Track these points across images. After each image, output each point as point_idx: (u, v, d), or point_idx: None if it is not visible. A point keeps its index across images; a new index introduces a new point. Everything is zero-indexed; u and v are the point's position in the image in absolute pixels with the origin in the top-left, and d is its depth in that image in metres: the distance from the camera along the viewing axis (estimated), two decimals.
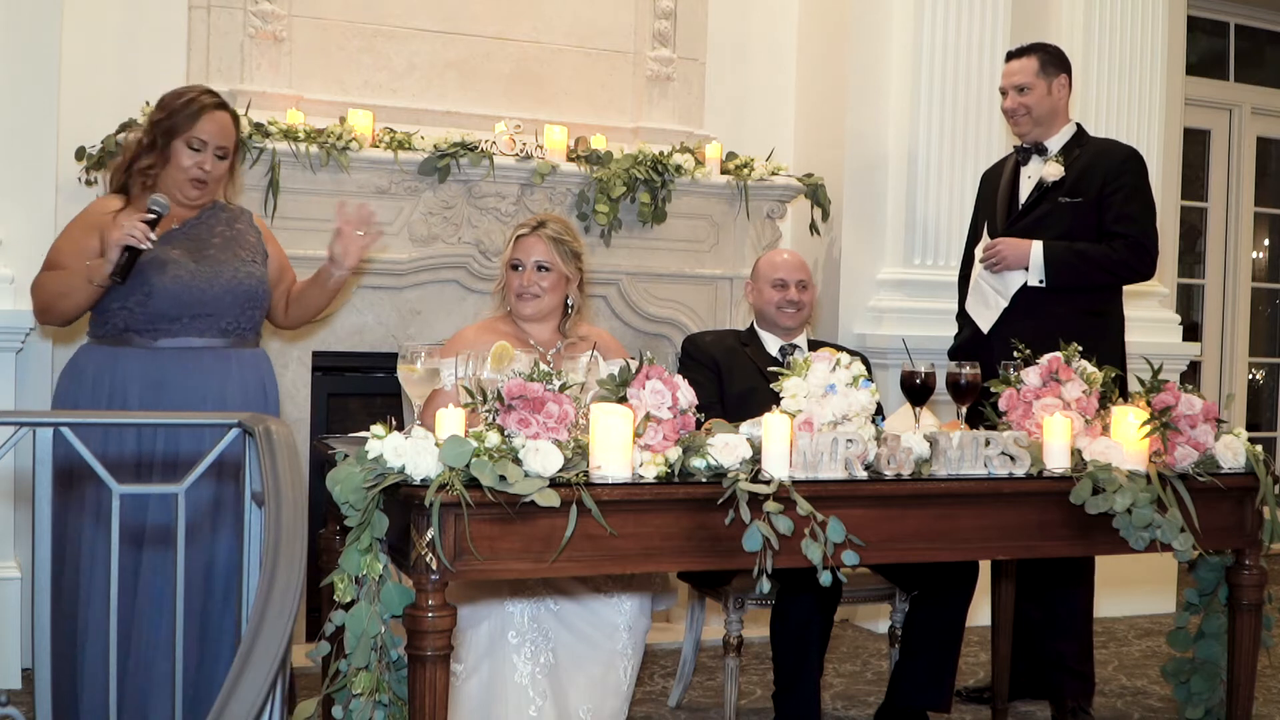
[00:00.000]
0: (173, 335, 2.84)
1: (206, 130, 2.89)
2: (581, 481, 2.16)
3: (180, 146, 2.88)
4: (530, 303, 3.04)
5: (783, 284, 3.48)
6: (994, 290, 3.59)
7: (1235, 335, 6.44)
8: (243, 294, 2.91)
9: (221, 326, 2.90)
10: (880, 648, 4.28)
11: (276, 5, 4.04)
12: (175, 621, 2.03)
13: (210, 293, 2.86)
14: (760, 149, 4.59)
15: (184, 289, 2.83)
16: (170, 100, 2.93)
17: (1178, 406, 2.70)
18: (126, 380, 2.80)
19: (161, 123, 2.90)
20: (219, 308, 2.88)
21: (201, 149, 2.89)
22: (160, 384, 2.80)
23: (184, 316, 2.84)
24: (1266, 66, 6.61)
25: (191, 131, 2.88)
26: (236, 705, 1.24)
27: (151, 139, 2.90)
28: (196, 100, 2.91)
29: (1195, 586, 3.03)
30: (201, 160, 2.89)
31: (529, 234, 3.07)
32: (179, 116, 2.89)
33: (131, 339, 2.83)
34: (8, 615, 3.53)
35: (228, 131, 2.94)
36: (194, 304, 2.84)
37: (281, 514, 1.68)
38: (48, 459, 1.99)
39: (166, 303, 2.81)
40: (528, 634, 2.80)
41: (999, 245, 3.55)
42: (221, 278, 2.89)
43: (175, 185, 2.90)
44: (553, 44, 4.46)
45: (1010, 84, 3.64)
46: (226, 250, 2.94)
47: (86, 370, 2.85)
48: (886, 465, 2.44)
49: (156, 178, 2.89)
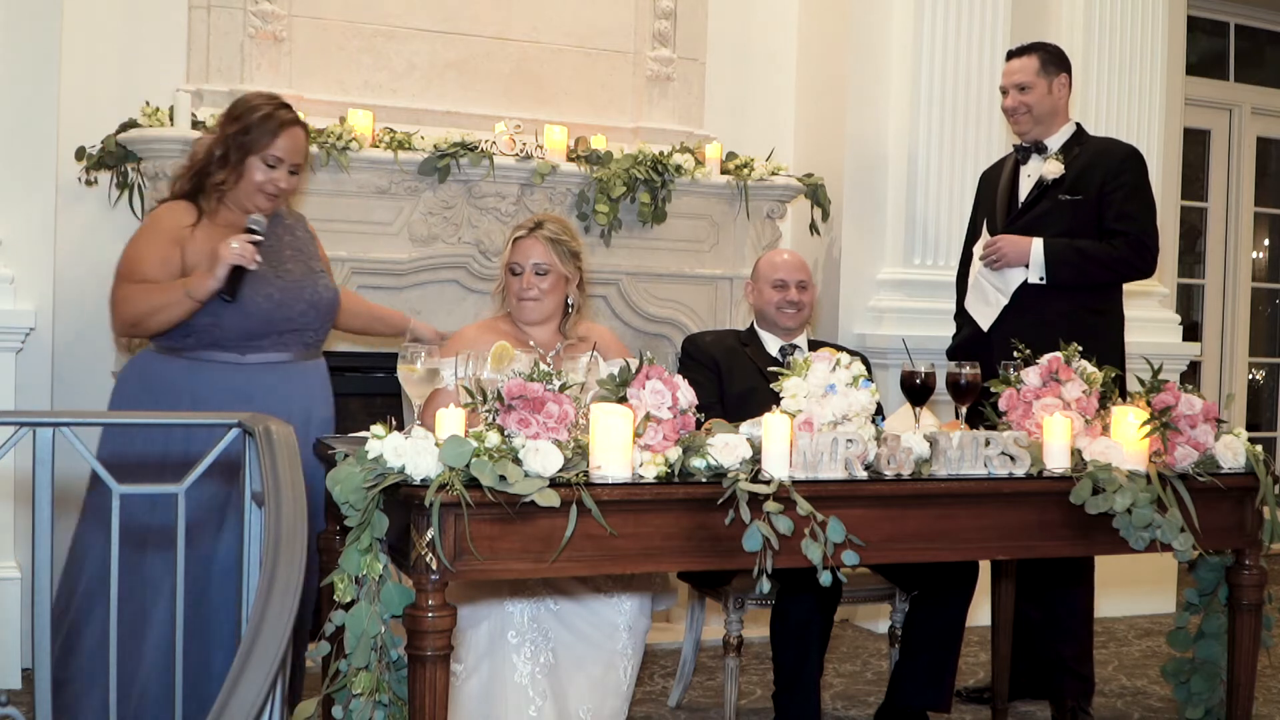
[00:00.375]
0: (261, 350, 2.89)
1: (283, 147, 2.90)
2: (581, 481, 2.16)
3: (255, 162, 2.88)
4: (531, 306, 3.04)
5: (783, 284, 3.48)
6: (994, 288, 3.59)
7: (1235, 335, 6.44)
8: (324, 309, 2.99)
9: (305, 340, 2.97)
10: (880, 648, 4.28)
11: (276, 5, 4.04)
12: (175, 622, 2.03)
13: (297, 309, 2.92)
14: (760, 149, 4.59)
15: (275, 307, 2.87)
16: (245, 113, 2.90)
17: (1178, 406, 2.70)
18: (211, 392, 2.82)
19: (237, 136, 2.88)
20: (304, 323, 2.94)
21: (276, 165, 2.90)
22: (249, 398, 2.81)
23: (273, 333, 2.89)
24: (1266, 66, 6.61)
25: (269, 150, 2.88)
26: (236, 705, 1.24)
27: (225, 152, 2.89)
28: (274, 116, 2.90)
29: (1195, 586, 3.03)
30: (276, 177, 2.90)
31: (526, 236, 3.07)
32: (256, 132, 2.87)
33: (216, 354, 2.86)
34: (8, 615, 3.53)
35: (302, 147, 2.96)
36: (283, 321, 2.90)
37: (281, 514, 1.68)
38: (48, 459, 1.99)
39: (258, 321, 2.85)
40: (527, 634, 2.80)
41: (999, 242, 3.55)
42: (305, 294, 2.94)
43: (245, 197, 2.91)
44: (553, 44, 4.46)
45: (1011, 83, 3.64)
46: (299, 263, 2.98)
47: (163, 381, 2.85)
48: (886, 465, 2.44)
49: (227, 190, 2.90)
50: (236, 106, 2.94)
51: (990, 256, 3.57)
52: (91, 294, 3.99)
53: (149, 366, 2.90)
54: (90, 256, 3.98)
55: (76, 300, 3.95)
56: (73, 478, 2.78)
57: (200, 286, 2.77)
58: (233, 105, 2.96)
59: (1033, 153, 3.65)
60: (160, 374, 2.87)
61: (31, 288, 3.64)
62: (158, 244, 2.86)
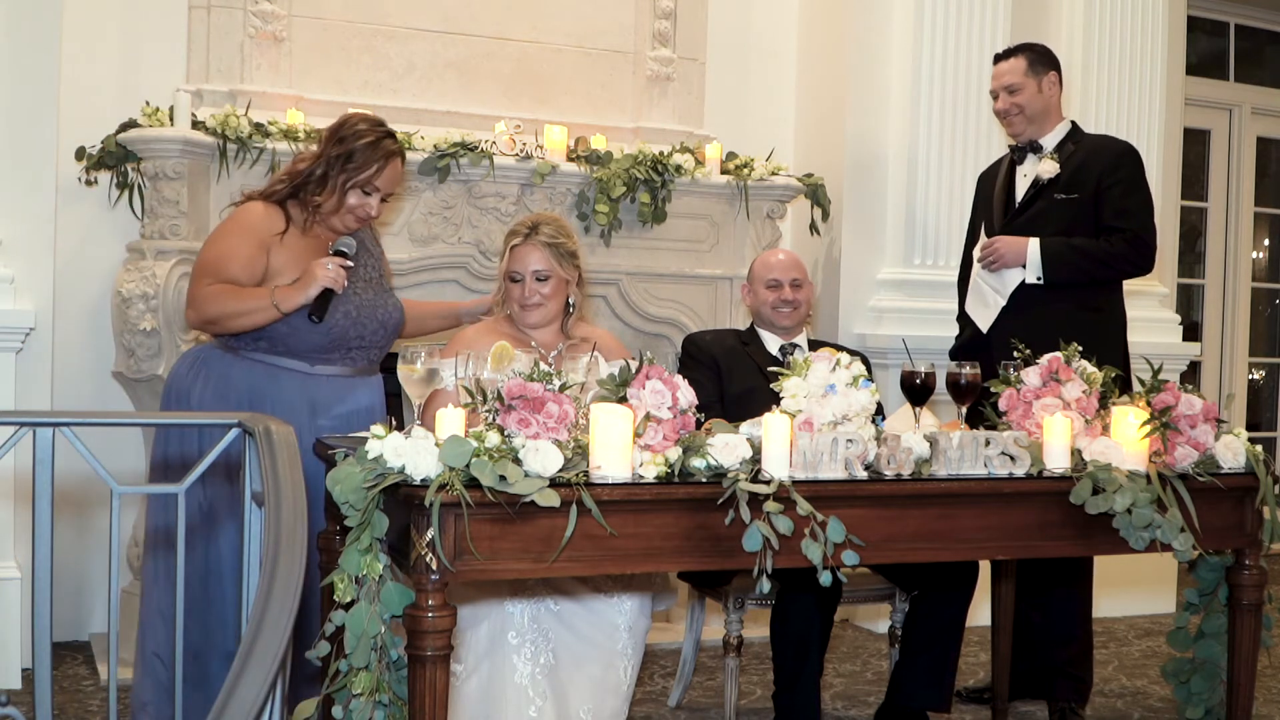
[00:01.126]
0: (330, 363, 2.93)
1: (385, 181, 2.93)
2: (581, 481, 2.16)
3: (355, 190, 2.90)
4: (534, 312, 3.04)
5: (776, 284, 3.47)
6: (992, 289, 3.59)
7: (1235, 335, 6.44)
8: (392, 328, 3.04)
9: (370, 357, 3.02)
10: (880, 648, 4.28)
11: (276, 5, 4.04)
12: (175, 622, 2.03)
13: (369, 328, 2.96)
14: (760, 149, 4.59)
15: (351, 325, 2.92)
16: (351, 137, 2.90)
17: (1178, 406, 2.70)
18: (279, 396, 2.86)
19: (340, 161, 2.88)
20: (373, 341, 3.00)
21: (373, 194, 2.92)
22: (314, 407, 2.88)
23: (343, 349, 2.93)
24: (1266, 66, 6.61)
25: (371, 180, 2.90)
26: (236, 705, 1.24)
27: (325, 173, 2.89)
28: (380, 145, 2.91)
29: (1195, 586, 3.03)
30: (370, 204, 2.92)
31: (523, 243, 3.05)
32: (360, 159, 2.88)
33: (286, 360, 2.89)
34: (8, 615, 3.53)
35: (400, 177, 3.00)
36: (355, 339, 2.94)
37: (281, 514, 1.68)
38: (48, 459, 1.99)
39: (334, 338, 2.90)
40: (527, 634, 2.80)
41: (996, 243, 3.55)
42: (378, 314, 2.98)
43: (335, 217, 2.93)
44: (553, 44, 4.46)
45: (1000, 85, 3.64)
46: (373, 281, 3.02)
47: (240, 382, 2.87)
48: (886, 465, 2.44)
49: (320, 207, 2.91)
50: (343, 128, 2.93)
51: (988, 258, 3.57)
52: (91, 294, 4.00)
53: (218, 368, 2.91)
54: (90, 256, 3.99)
55: (76, 300, 3.96)
56: (73, 477, 2.79)
57: (289, 300, 2.81)
58: (339, 124, 2.96)
59: (1028, 153, 3.65)
60: (230, 376, 2.88)
61: (31, 288, 3.64)
62: (246, 245, 2.87)
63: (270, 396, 2.86)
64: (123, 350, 3.77)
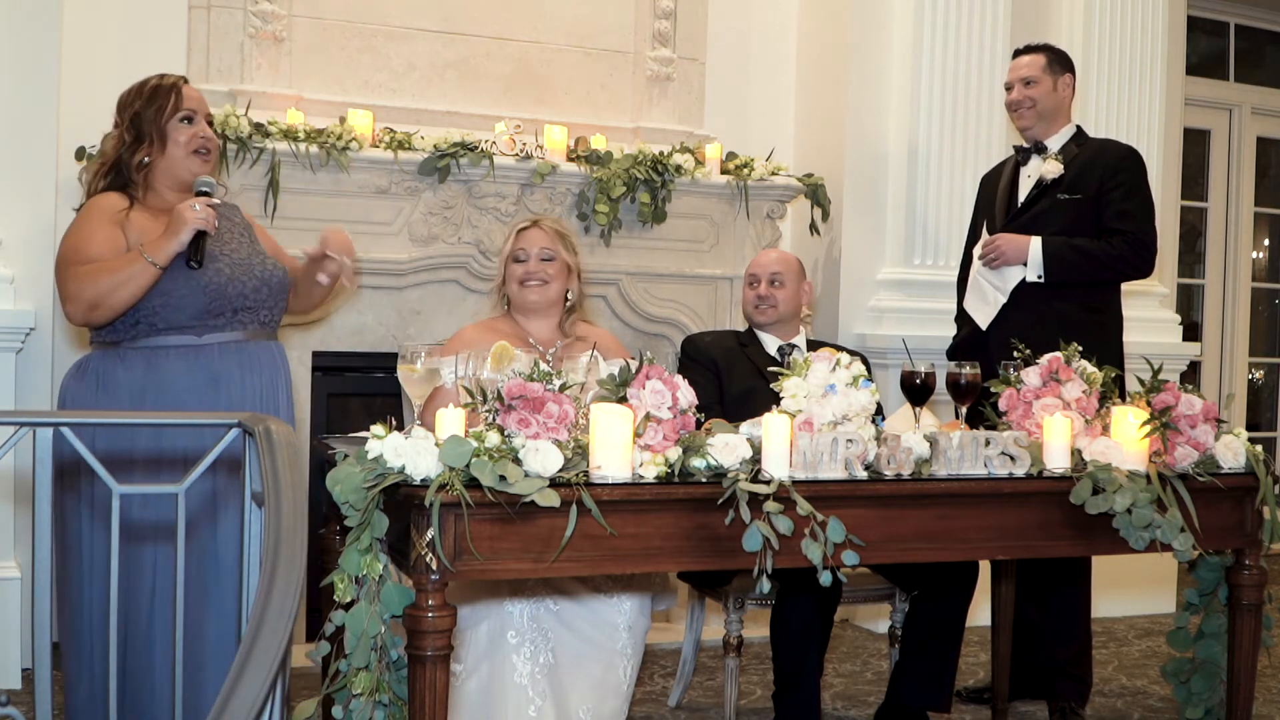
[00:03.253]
0: (218, 330, 2.77)
1: (192, 99, 2.85)
2: (581, 481, 2.16)
3: (174, 124, 2.81)
4: (536, 289, 3.06)
5: (755, 280, 3.52)
6: (993, 287, 3.59)
7: (1235, 335, 6.44)
8: (275, 285, 2.87)
9: (261, 319, 2.85)
10: (880, 648, 4.28)
11: (276, 5, 4.05)
12: (175, 622, 2.03)
13: (249, 285, 2.80)
14: (760, 149, 4.59)
15: (227, 282, 2.76)
16: (136, 92, 2.85)
17: (1178, 406, 2.70)
18: (174, 383, 2.71)
19: (143, 111, 2.81)
20: (258, 300, 2.82)
21: (193, 118, 2.84)
22: (214, 380, 2.73)
23: (228, 310, 2.77)
24: (1266, 66, 6.61)
25: (181, 107, 2.82)
26: (236, 705, 1.24)
27: (136, 131, 2.81)
28: (164, 80, 2.85)
29: (1195, 586, 3.03)
30: (199, 130, 2.84)
31: (530, 228, 3.13)
32: (159, 99, 2.81)
33: (171, 336, 2.73)
34: (8, 615, 3.53)
35: (201, 98, 2.90)
36: (237, 297, 2.77)
37: (281, 514, 1.68)
38: (48, 459, 1.99)
39: (212, 295, 2.73)
40: (527, 634, 2.80)
41: (998, 241, 3.57)
42: (255, 270, 2.83)
43: (178, 166, 2.82)
44: (553, 44, 4.46)
45: (1016, 77, 3.67)
46: (241, 242, 2.88)
47: (120, 381, 2.72)
48: (886, 465, 2.44)
49: (153, 168, 2.82)
50: (124, 96, 2.87)
51: (989, 255, 3.58)
52: None
53: (100, 368, 2.76)
54: None
55: None
56: None
57: (162, 250, 2.64)
58: (120, 97, 2.88)
59: (1033, 153, 3.66)
60: (114, 374, 2.73)
61: (31, 288, 3.64)
62: (100, 224, 2.74)
63: (162, 383, 2.71)
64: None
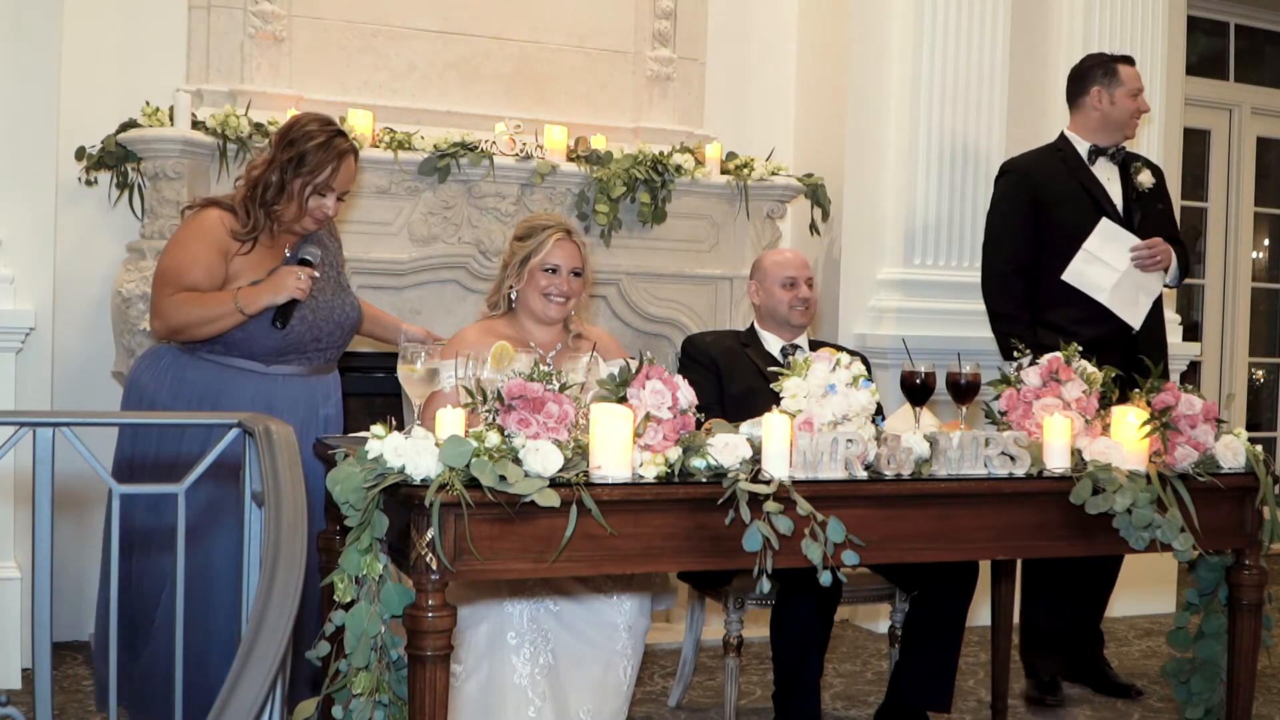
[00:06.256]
0: (286, 364, 2.93)
1: (340, 180, 2.92)
2: (581, 481, 2.16)
3: (308, 191, 2.88)
4: (560, 306, 3.04)
5: (792, 282, 3.45)
6: (1138, 287, 3.75)
7: (1235, 335, 6.44)
8: (349, 327, 3.04)
9: (328, 357, 3.03)
10: (880, 648, 4.28)
11: (276, 5, 4.05)
12: (176, 622, 2.03)
13: (325, 330, 2.96)
14: (760, 149, 4.59)
15: (308, 329, 2.92)
16: (302, 139, 2.88)
17: (1178, 406, 2.70)
18: (236, 397, 2.85)
19: (294, 164, 2.86)
20: (330, 343, 3.00)
21: (328, 194, 2.91)
22: (270, 407, 2.84)
23: (300, 351, 2.93)
24: (1266, 66, 6.60)
25: (325, 180, 2.89)
26: (236, 705, 1.24)
27: (281, 179, 2.87)
28: (331, 145, 2.88)
29: (1195, 586, 3.03)
30: (326, 204, 2.92)
31: (566, 239, 3.05)
32: (313, 162, 2.86)
33: (242, 361, 2.89)
34: (8, 615, 3.53)
35: (353, 175, 2.99)
36: (311, 341, 2.94)
37: (281, 514, 1.68)
38: (48, 459, 1.99)
39: (290, 343, 2.90)
40: (527, 635, 2.80)
41: (1163, 245, 3.76)
42: (334, 316, 2.98)
43: (293, 218, 2.92)
44: (553, 44, 4.46)
45: (1140, 87, 3.84)
46: (331, 280, 3.01)
47: (196, 382, 2.87)
48: (886, 465, 2.44)
49: (281, 217, 2.91)
50: (292, 129, 2.91)
51: (1154, 257, 3.74)
52: (91, 294, 4.00)
53: (174, 367, 2.90)
54: (90, 256, 3.99)
55: (76, 300, 3.96)
56: (73, 477, 2.78)
57: (254, 303, 2.81)
58: (288, 126, 2.93)
59: (1099, 155, 3.80)
60: (185, 376, 2.88)
61: (31, 288, 3.64)
62: (206, 253, 2.86)
63: (227, 396, 2.86)
64: (123, 350, 3.78)
